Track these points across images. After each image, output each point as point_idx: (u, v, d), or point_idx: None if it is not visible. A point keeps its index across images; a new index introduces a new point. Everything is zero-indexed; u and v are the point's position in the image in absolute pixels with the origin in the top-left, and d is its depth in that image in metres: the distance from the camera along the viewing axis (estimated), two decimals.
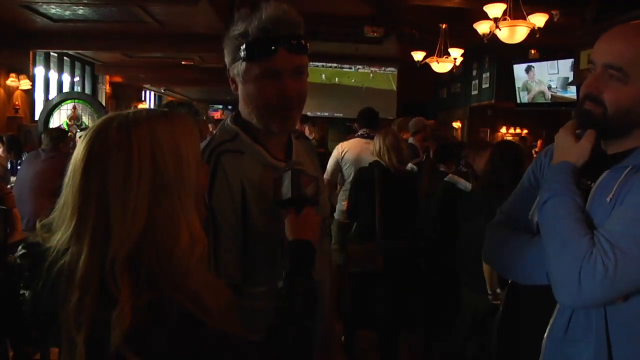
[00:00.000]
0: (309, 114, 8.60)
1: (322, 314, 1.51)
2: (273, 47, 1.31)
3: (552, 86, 9.76)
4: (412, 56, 9.21)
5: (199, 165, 1.04)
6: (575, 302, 1.19)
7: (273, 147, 1.44)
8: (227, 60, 1.39)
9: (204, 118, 16.47)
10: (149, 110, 1.02)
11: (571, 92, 9.25)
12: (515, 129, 12.05)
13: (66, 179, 0.96)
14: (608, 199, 1.22)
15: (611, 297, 1.16)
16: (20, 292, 1.04)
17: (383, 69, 13.01)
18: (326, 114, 12.25)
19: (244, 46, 1.32)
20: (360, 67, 12.99)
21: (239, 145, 1.40)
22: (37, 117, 9.65)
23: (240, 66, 1.35)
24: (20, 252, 1.13)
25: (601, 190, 1.26)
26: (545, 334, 1.28)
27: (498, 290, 2.79)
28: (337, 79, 12.88)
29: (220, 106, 19.57)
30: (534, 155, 7.63)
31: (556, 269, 1.20)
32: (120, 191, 0.91)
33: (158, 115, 1.01)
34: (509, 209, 1.54)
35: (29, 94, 9.68)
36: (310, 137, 4.83)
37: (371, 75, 13.04)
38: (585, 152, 1.30)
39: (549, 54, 9.53)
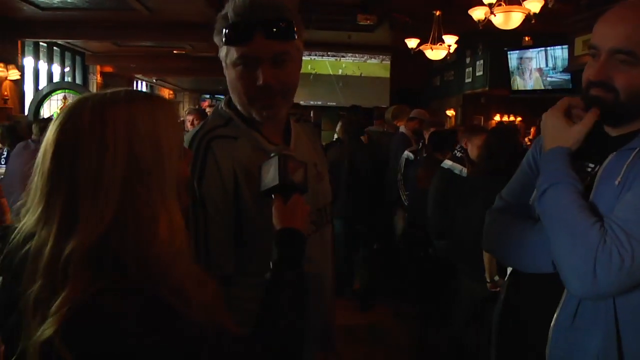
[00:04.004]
0: (301, 102, 8.52)
1: (323, 307, 1.46)
2: (249, 32, 1.23)
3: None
4: (405, 43, 9.14)
5: (182, 152, 0.97)
6: (590, 293, 1.15)
7: (270, 131, 1.37)
8: (216, 41, 1.33)
9: (196, 107, 16.27)
10: (128, 91, 0.93)
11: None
12: (509, 117, 12.02)
13: (37, 162, 0.89)
14: (616, 182, 1.18)
15: (627, 287, 1.13)
16: None
17: (376, 57, 12.93)
18: (319, 102, 12.18)
19: (224, 29, 1.26)
20: (353, 55, 12.89)
21: (232, 131, 1.34)
22: (27, 108, 9.53)
23: (223, 50, 1.30)
24: None
25: (607, 173, 1.22)
26: (552, 322, 1.24)
27: (497, 278, 2.77)
28: (329, 68, 12.78)
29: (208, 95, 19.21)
30: (528, 143, 7.62)
31: (568, 260, 1.16)
32: (91, 177, 0.84)
33: (137, 96, 0.93)
34: (509, 194, 1.50)
35: (18, 84, 9.52)
36: None
37: (358, 66, 12.94)
38: (581, 137, 1.25)
39: (542, 41, 9.48)
